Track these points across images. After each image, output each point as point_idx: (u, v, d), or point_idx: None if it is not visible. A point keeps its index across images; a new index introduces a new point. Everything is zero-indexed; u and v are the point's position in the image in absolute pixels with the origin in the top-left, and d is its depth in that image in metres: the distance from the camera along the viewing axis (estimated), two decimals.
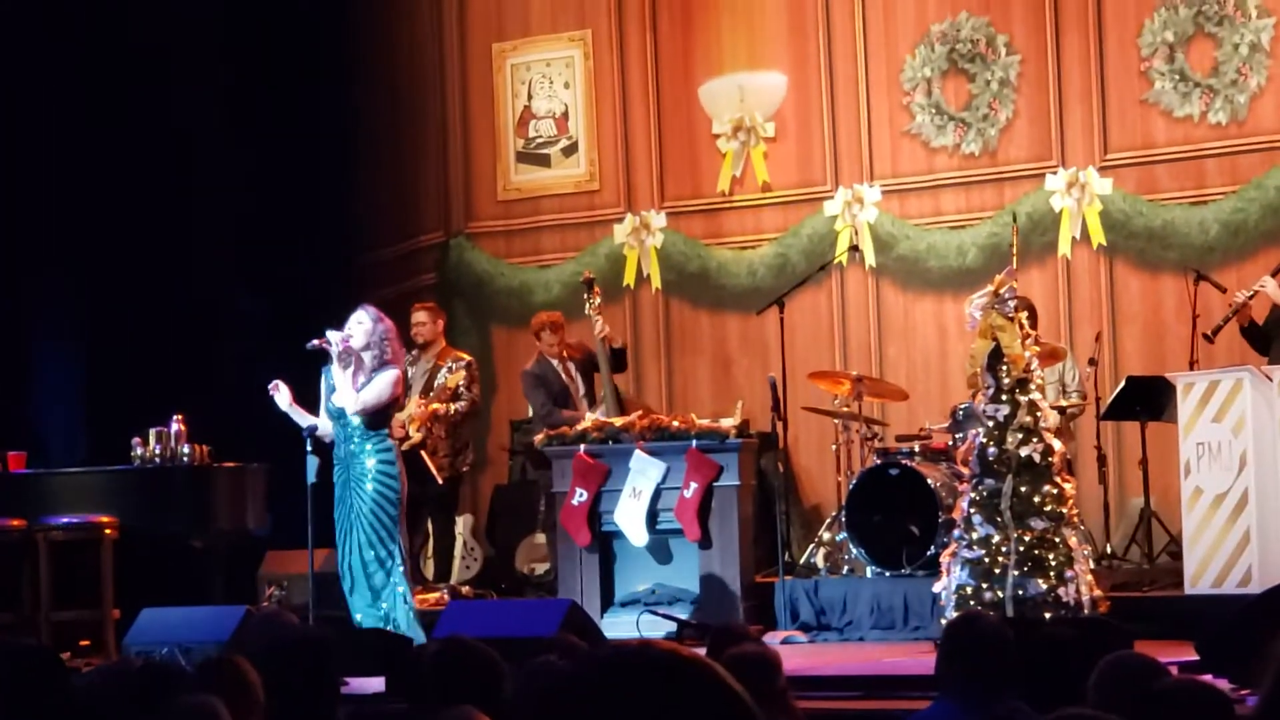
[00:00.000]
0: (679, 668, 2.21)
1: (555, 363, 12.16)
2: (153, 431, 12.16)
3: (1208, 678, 6.64)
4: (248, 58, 14.73)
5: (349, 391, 9.89)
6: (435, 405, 12.13)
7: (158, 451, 12.12)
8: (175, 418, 12.19)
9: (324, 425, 10.15)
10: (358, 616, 9.93)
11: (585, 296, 12.12)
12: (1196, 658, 7.78)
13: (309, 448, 10.13)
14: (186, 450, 12.13)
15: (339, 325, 10.13)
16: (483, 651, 4.80)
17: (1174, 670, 5.53)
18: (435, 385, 12.27)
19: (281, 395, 10.05)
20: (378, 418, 9.98)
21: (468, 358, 12.62)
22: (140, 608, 10.06)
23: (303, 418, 10.11)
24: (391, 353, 10.01)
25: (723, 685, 2.21)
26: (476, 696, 4.45)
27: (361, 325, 9.96)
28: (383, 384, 9.92)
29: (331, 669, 5.19)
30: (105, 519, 11.84)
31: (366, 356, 9.92)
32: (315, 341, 10.02)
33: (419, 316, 12.66)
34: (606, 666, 2.22)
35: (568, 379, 12.14)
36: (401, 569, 9.93)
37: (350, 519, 9.96)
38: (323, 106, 15.13)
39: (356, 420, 9.95)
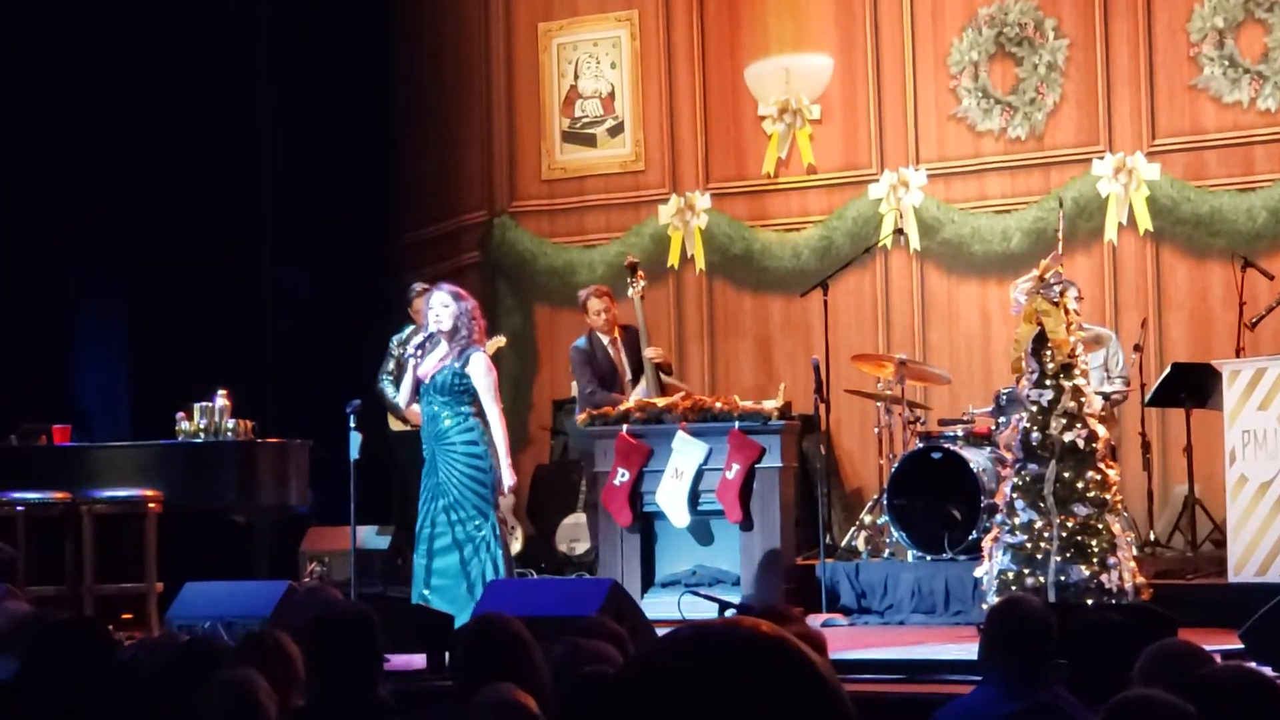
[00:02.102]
0: (768, 647, 2.17)
1: (606, 340, 12.03)
2: (197, 406, 12.18)
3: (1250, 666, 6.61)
4: (293, 35, 14.76)
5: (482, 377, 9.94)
6: None
7: (202, 426, 12.15)
8: (220, 392, 12.20)
9: (403, 395, 10.16)
10: (424, 591, 9.88)
11: (629, 280, 12.01)
12: (1240, 646, 7.74)
13: (352, 424, 10.12)
14: (231, 425, 12.15)
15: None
16: (519, 629, 4.80)
17: (1217, 659, 5.50)
18: None
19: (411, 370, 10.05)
20: (466, 393, 9.94)
21: None
22: (183, 582, 10.07)
23: (407, 385, 10.08)
24: (478, 331, 10.00)
25: (812, 665, 2.18)
26: (515, 674, 4.45)
27: (448, 308, 9.93)
28: (481, 369, 9.91)
29: (374, 645, 5.20)
30: (149, 493, 11.86)
31: (455, 336, 9.90)
32: (414, 350, 10.00)
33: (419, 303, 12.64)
34: (693, 644, 2.18)
35: (617, 359, 12.06)
36: (497, 540, 9.88)
37: (438, 494, 9.90)
38: (367, 84, 15.15)
39: (441, 398, 9.90)
